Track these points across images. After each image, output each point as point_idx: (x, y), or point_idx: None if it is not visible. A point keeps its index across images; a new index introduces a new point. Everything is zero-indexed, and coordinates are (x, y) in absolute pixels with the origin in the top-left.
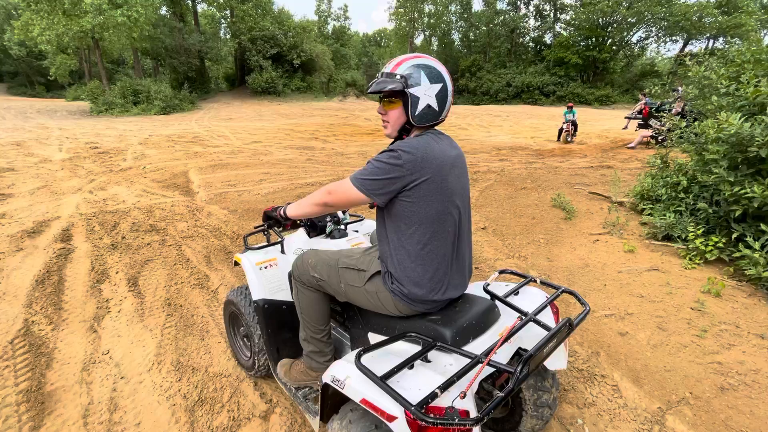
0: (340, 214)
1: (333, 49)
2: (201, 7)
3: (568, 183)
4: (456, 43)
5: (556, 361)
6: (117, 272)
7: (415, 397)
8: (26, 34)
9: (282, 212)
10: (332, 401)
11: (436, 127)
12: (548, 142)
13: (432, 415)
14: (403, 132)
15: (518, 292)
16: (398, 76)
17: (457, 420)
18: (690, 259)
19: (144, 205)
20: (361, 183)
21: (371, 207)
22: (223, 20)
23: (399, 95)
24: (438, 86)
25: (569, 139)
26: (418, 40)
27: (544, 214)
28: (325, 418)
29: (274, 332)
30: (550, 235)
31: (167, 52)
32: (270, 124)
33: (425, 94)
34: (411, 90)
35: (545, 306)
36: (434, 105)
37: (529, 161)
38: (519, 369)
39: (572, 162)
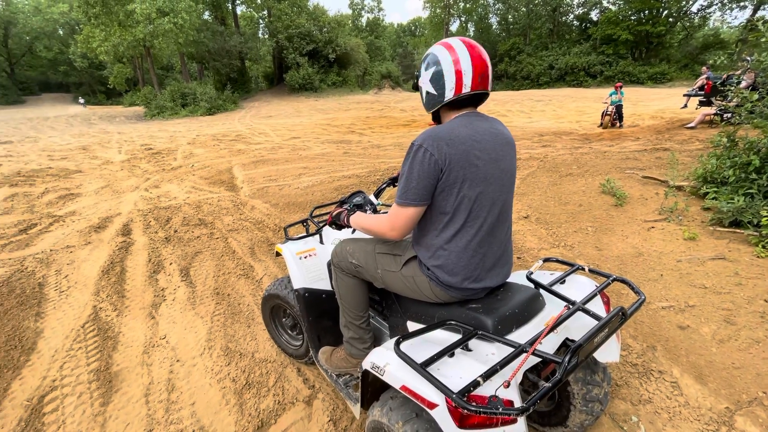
0: (374, 200)
1: (367, 42)
2: (240, 9)
3: (619, 168)
4: (494, 27)
5: (608, 354)
6: (171, 263)
7: (456, 385)
8: (87, 47)
9: (346, 220)
10: (372, 388)
11: (476, 109)
12: (595, 125)
13: (474, 404)
14: (437, 118)
15: (564, 281)
16: (416, 72)
17: (500, 409)
18: (763, 247)
19: (193, 200)
20: (407, 198)
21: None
22: (261, 20)
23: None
24: (431, 70)
25: (616, 125)
26: (454, 26)
27: (591, 201)
28: (365, 404)
29: (315, 320)
30: (599, 223)
31: (210, 55)
32: (307, 119)
33: (423, 82)
34: (419, 82)
35: (595, 295)
36: (431, 90)
37: (574, 146)
38: (567, 359)
39: (623, 146)
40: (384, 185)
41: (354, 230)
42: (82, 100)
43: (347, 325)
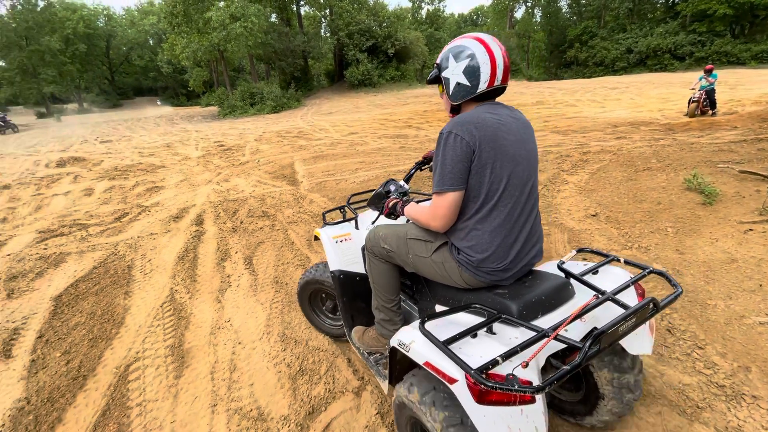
0: (405, 185)
1: (427, 34)
2: (303, 10)
3: (709, 161)
4: (563, 11)
5: (638, 345)
6: (236, 252)
7: (476, 363)
8: (171, 53)
9: (401, 209)
10: (400, 366)
11: (497, 99)
12: (681, 114)
13: (492, 381)
14: (456, 110)
15: (597, 272)
16: (435, 65)
17: (516, 386)
18: None
19: (258, 194)
20: (445, 185)
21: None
22: (323, 19)
23: (439, 81)
24: (464, 63)
25: (707, 113)
26: (519, 12)
27: (673, 199)
28: (393, 381)
29: (349, 301)
30: (682, 223)
31: (276, 56)
32: (366, 115)
33: (453, 73)
34: (443, 74)
35: (628, 286)
36: (464, 81)
37: (654, 138)
38: (588, 344)
39: (715, 136)
40: (413, 170)
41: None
42: (159, 102)
43: (379, 308)
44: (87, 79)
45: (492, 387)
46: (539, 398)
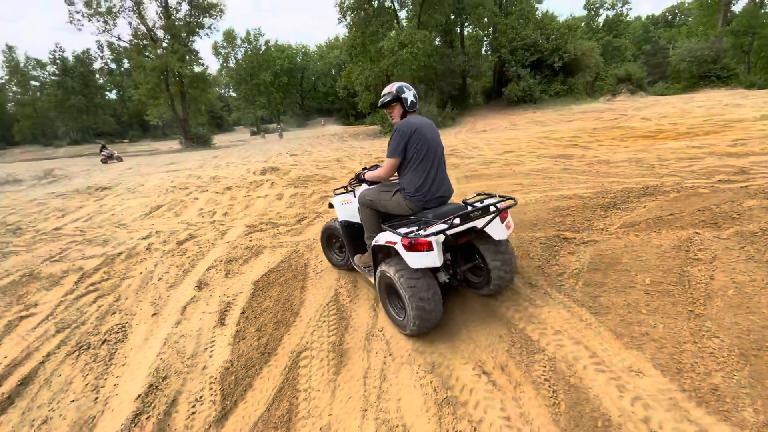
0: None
1: (603, 43)
2: (467, 30)
3: None
4: None
5: (498, 233)
6: None
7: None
8: (348, 80)
9: (364, 176)
10: (376, 260)
11: (415, 113)
12: None
13: (410, 238)
14: (402, 117)
15: (483, 202)
16: (393, 93)
17: (418, 236)
18: None
19: None
20: (393, 153)
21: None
22: (485, 38)
23: (396, 101)
24: (411, 92)
25: None
26: (739, 5)
27: None
28: (375, 272)
29: (351, 239)
30: None
31: (437, 76)
32: (523, 133)
33: (408, 96)
34: (403, 95)
35: (487, 206)
36: (413, 99)
37: None
38: (451, 221)
39: None
40: (355, 180)
41: (368, 183)
42: (323, 121)
43: (368, 238)
44: (285, 105)
45: (405, 235)
46: (435, 248)
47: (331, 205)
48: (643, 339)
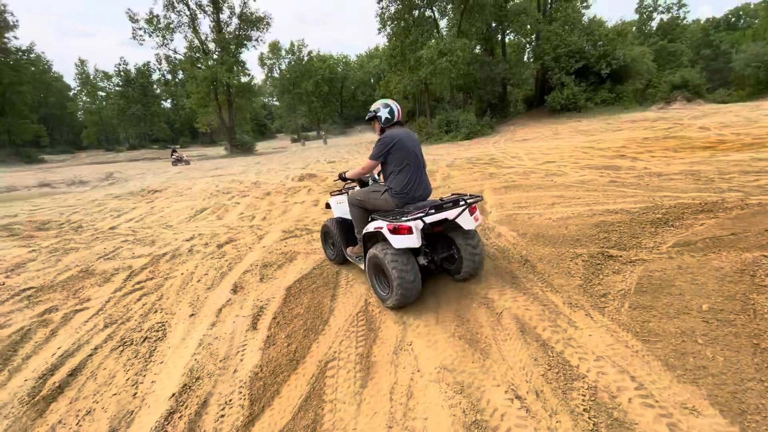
0: (375, 175)
1: (656, 48)
2: (509, 38)
3: None
4: None
5: (467, 224)
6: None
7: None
8: (386, 89)
9: (345, 175)
10: (366, 247)
11: (397, 125)
12: None
13: (394, 224)
14: (381, 131)
15: (458, 200)
16: (371, 111)
17: (402, 220)
18: None
19: None
20: (374, 157)
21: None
22: (528, 45)
23: (374, 118)
24: (387, 109)
25: None
26: None
27: None
28: (364, 260)
29: (344, 234)
30: None
31: (476, 84)
32: (566, 142)
33: (383, 113)
34: (378, 114)
35: (458, 200)
36: (388, 116)
37: None
38: (427, 211)
39: None
40: (344, 188)
41: (353, 184)
42: (359, 128)
43: (358, 232)
44: (325, 113)
45: (391, 221)
46: (414, 232)
47: (327, 206)
48: (699, 372)
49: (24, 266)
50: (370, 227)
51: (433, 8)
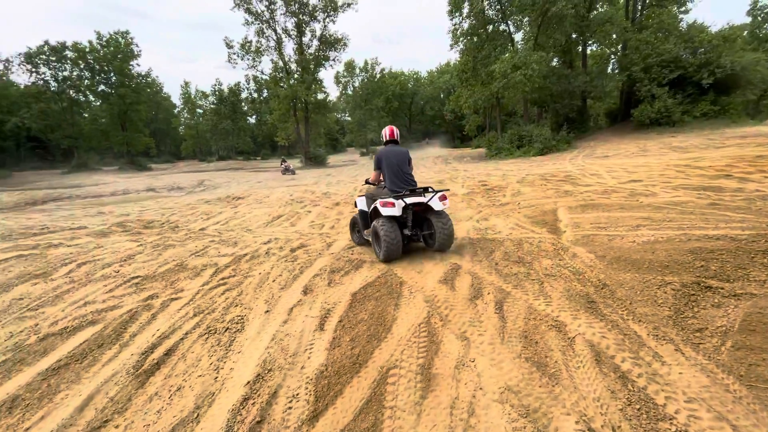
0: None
1: None
2: (590, 49)
3: None
4: None
5: (437, 205)
6: (488, 293)
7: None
8: (456, 103)
9: (368, 180)
10: (371, 222)
11: (392, 144)
12: None
13: (383, 202)
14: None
15: (428, 189)
16: (381, 134)
17: (389, 199)
18: None
19: (515, 237)
20: (374, 168)
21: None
22: (612, 56)
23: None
24: (382, 133)
25: None
26: None
27: None
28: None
29: (363, 222)
30: None
31: (552, 98)
32: (655, 159)
33: (385, 137)
34: (381, 136)
35: (435, 192)
36: (382, 137)
37: None
38: (405, 192)
39: None
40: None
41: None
42: (427, 139)
43: (369, 218)
44: None
45: (384, 202)
46: (396, 205)
47: (355, 204)
48: None
49: (133, 258)
50: (373, 205)
51: (508, 22)
